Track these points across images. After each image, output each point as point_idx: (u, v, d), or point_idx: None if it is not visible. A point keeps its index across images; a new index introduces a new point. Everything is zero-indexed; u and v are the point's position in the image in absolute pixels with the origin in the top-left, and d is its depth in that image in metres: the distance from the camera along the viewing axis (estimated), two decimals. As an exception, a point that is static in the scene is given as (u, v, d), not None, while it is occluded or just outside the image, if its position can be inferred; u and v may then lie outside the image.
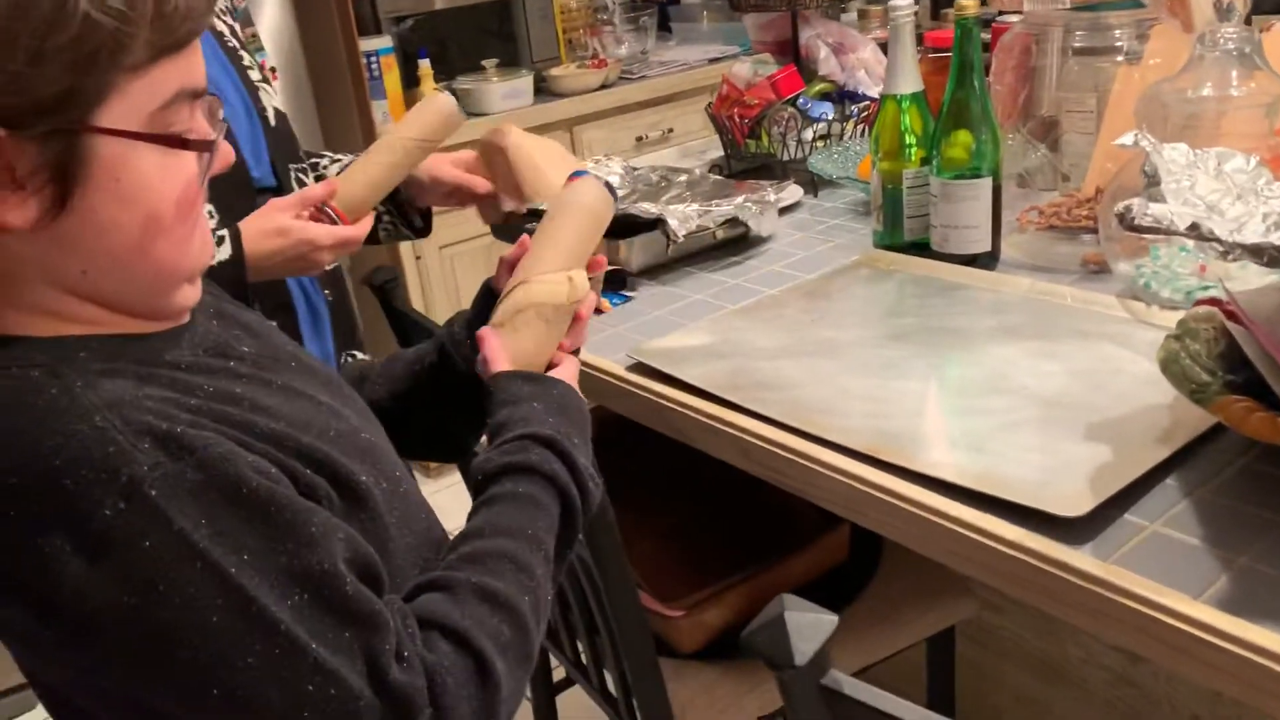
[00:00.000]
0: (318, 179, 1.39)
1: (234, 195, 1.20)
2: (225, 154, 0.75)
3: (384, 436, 0.87)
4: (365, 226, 1.21)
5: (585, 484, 0.82)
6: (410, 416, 1.00)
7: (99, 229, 0.67)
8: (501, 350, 0.88)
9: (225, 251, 1.12)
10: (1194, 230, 0.75)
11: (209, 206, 1.16)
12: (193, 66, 0.68)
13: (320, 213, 1.18)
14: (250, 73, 1.33)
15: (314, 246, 1.15)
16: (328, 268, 1.24)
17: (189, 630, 0.62)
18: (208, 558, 0.62)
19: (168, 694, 0.65)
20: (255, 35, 2.27)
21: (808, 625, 0.57)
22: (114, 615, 0.62)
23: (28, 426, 0.63)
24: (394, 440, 0.89)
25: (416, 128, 1.23)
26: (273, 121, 1.32)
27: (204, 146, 0.70)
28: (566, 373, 0.90)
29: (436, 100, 1.25)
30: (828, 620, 0.58)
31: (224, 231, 1.13)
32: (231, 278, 1.10)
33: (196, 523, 0.63)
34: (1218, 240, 0.75)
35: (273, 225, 1.14)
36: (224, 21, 1.34)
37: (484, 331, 0.89)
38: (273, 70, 2.30)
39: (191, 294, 0.75)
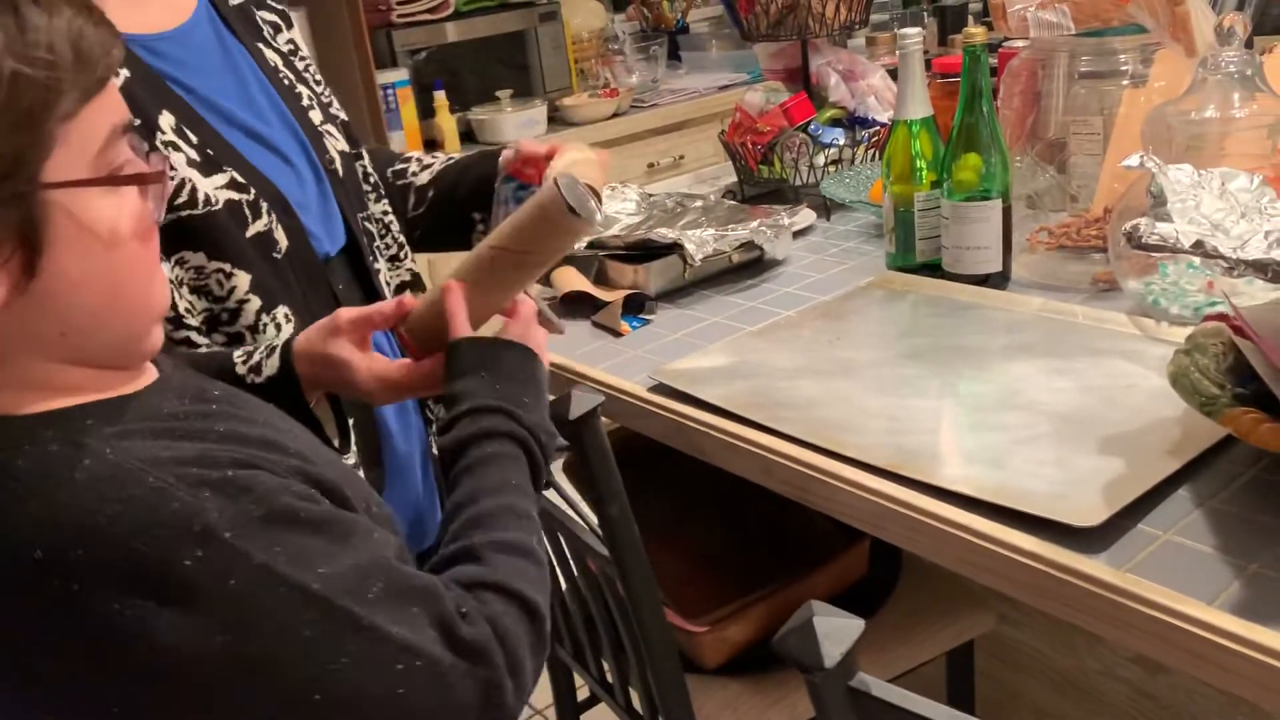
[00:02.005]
0: (401, 191, 1.30)
1: (305, 282, 1.09)
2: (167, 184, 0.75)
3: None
4: (427, 369, 0.96)
5: (539, 436, 0.89)
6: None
7: (71, 285, 0.67)
8: (461, 306, 0.94)
9: (273, 366, 0.99)
10: (1199, 248, 0.78)
11: (284, 308, 1.07)
12: (116, 101, 0.70)
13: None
14: (311, 115, 1.18)
15: (358, 390, 0.98)
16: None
17: (285, 652, 0.66)
18: (290, 581, 0.66)
19: (272, 716, 0.68)
20: (276, 70, 2.32)
21: (836, 629, 0.60)
22: (212, 657, 0.64)
23: (72, 500, 0.63)
24: None
25: (509, 234, 0.96)
26: (340, 172, 1.18)
27: (154, 178, 0.71)
28: (516, 329, 0.95)
29: (543, 193, 0.94)
30: (855, 624, 0.60)
31: (276, 343, 1.00)
32: (283, 394, 0.97)
33: (272, 553, 0.66)
34: (1223, 257, 0.78)
35: (320, 352, 0.98)
36: (274, 49, 1.18)
37: (451, 285, 0.96)
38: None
39: (160, 335, 0.77)
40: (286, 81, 1.18)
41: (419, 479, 1.22)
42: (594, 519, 1.11)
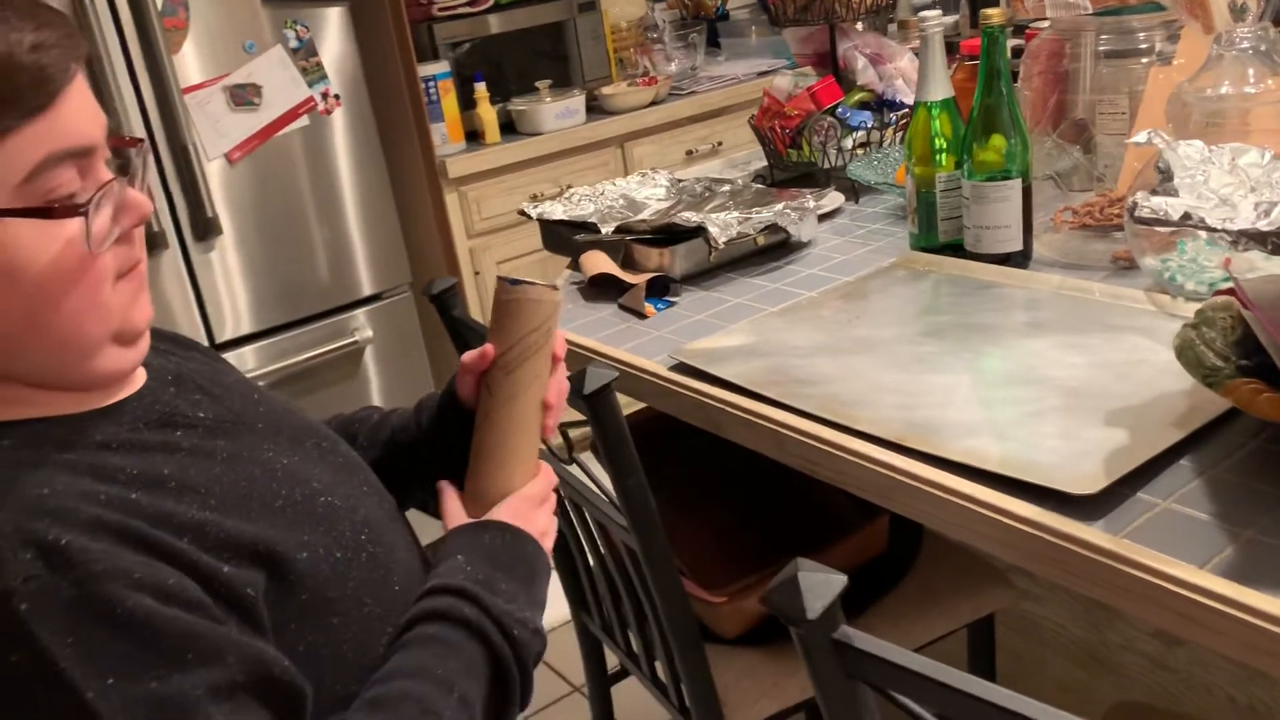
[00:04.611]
0: None
1: None
2: (137, 205, 0.72)
3: (364, 496, 0.86)
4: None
5: (508, 627, 0.79)
6: (393, 483, 0.96)
7: None
8: (455, 502, 0.88)
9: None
10: (1187, 219, 0.79)
11: None
12: (61, 126, 0.67)
13: None
14: None
15: None
16: None
17: None
18: (66, 679, 0.60)
19: None
20: (319, 64, 2.39)
21: (819, 584, 0.63)
22: None
23: None
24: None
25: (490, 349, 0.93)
26: None
27: (69, 212, 0.67)
28: (511, 511, 0.86)
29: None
30: (837, 579, 0.63)
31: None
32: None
33: (62, 641, 0.61)
34: (1209, 229, 0.79)
35: None
36: None
37: (441, 484, 0.89)
38: (336, 97, 2.41)
39: (122, 357, 0.74)
40: None
41: None
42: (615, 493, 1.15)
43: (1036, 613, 1.48)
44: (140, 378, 0.80)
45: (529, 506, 0.88)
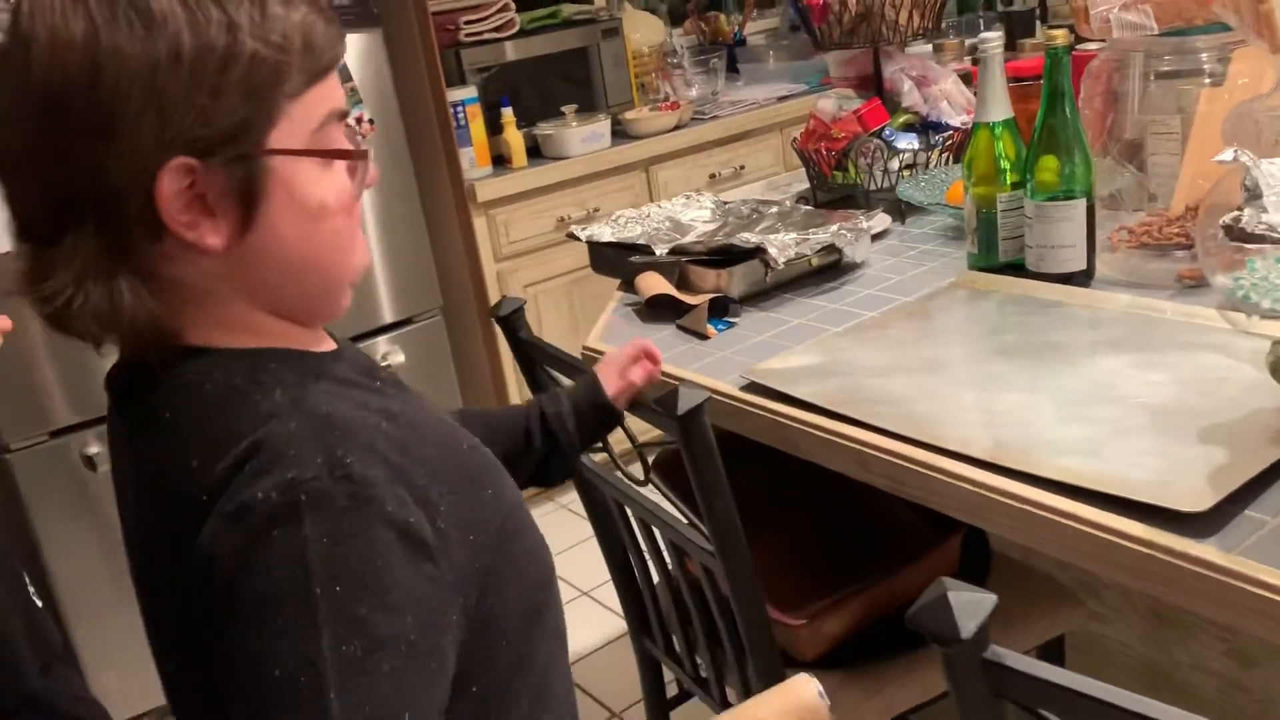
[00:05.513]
0: None
1: None
2: (373, 172, 0.83)
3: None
4: None
5: None
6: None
7: (279, 240, 0.75)
8: None
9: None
10: (1308, 235, 0.79)
11: None
12: (336, 90, 0.78)
13: None
14: None
15: None
16: None
17: (261, 613, 0.67)
18: (306, 567, 0.66)
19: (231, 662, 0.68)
20: (354, 89, 2.39)
21: (970, 603, 0.62)
22: (227, 581, 0.68)
23: (231, 426, 0.72)
24: None
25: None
26: None
27: (361, 155, 0.80)
28: None
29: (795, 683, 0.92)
30: (988, 599, 0.63)
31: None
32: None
33: (319, 537, 0.67)
34: (1331, 244, 0.79)
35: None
36: None
37: None
38: (370, 122, 2.42)
39: (349, 301, 0.84)
40: None
41: None
42: (692, 516, 1.14)
43: (1104, 633, 1.47)
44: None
45: None
